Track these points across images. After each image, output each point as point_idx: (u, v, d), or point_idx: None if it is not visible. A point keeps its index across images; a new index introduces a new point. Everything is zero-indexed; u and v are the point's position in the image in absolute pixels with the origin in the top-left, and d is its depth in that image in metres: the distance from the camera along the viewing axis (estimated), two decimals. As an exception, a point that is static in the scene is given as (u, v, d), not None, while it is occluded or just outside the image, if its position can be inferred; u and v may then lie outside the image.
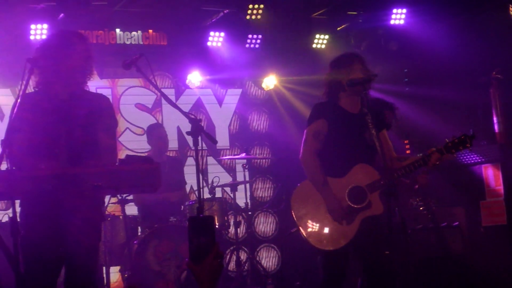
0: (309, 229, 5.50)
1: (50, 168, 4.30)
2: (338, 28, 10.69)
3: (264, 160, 11.05)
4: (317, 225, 5.48)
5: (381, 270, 5.46)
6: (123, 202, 8.24)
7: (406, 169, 5.48)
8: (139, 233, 8.37)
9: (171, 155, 9.64)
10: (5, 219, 8.10)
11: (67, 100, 4.72)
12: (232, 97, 11.10)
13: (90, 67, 4.82)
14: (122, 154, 9.32)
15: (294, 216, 5.61)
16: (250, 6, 9.80)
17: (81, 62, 4.73)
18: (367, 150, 5.56)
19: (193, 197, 9.69)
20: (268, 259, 10.61)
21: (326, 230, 5.45)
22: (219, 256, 2.85)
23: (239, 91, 11.16)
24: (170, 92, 10.47)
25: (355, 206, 5.44)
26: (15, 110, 4.30)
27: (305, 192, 5.60)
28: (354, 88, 5.52)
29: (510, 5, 9.43)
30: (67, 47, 4.69)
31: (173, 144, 10.08)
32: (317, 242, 5.48)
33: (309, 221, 5.51)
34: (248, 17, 9.96)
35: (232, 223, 8.84)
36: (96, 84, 10.01)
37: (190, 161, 10.31)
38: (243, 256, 9.15)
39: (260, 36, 10.41)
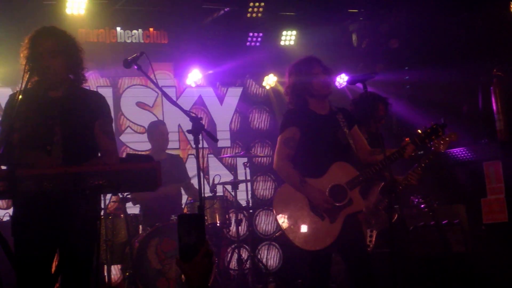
0: (294, 232, 5.51)
1: (50, 167, 4.30)
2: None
3: (265, 158, 11.06)
4: (302, 226, 5.49)
5: (365, 267, 5.48)
6: (124, 201, 8.24)
7: (383, 163, 5.48)
8: (140, 232, 8.37)
9: (171, 153, 9.63)
10: (6, 218, 8.13)
11: (61, 97, 4.68)
12: (233, 95, 11.10)
13: (79, 63, 4.74)
14: (123, 153, 9.36)
15: (277, 220, 5.63)
16: (251, 4, 9.80)
17: (67, 58, 4.65)
18: (342, 149, 5.65)
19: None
20: (270, 257, 10.60)
21: (311, 230, 5.47)
22: (208, 254, 2.83)
23: (240, 89, 11.17)
24: (171, 91, 10.47)
25: (338, 204, 5.46)
26: (13, 108, 4.32)
27: (285, 195, 5.62)
28: (327, 90, 5.62)
29: (511, 2, 9.43)
30: (52, 44, 4.61)
31: (174, 142, 10.08)
32: (303, 243, 5.50)
33: (293, 224, 5.52)
34: (248, 15, 9.97)
35: (233, 221, 8.84)
36: (96, 83, 10.03)
37: (191, 159, 10.31)
38: (244, 254, 9.15)
39: (261, 34, 10.41)
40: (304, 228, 5.47)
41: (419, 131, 5.65)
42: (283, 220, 5.57)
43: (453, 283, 7.59)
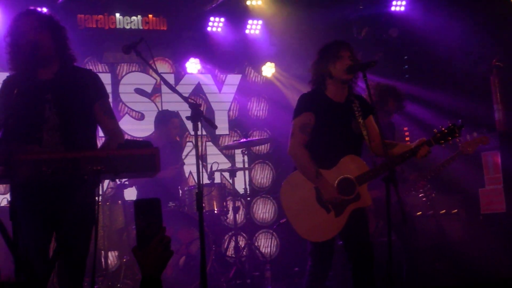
0: (298, 221, 5.49)
1: (49, 152, 4.29)
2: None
3: (263, 146, 11.03)
4: (306, 217, 5.46)
5: (365, 259, 5.43)
6: (122, 187, 8.24)
7: (395, 160, 5.39)
8: (138, 218, 8.35)
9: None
10: (4, 203, 8.10)
11: (52, 80, 4.62)
12: (232, 82, 11.06)
13: (65, 40, 4.70)
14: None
15: (283, 208, 5.62)
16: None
17: (52, 34, 4.61)
18: (354, 140, 5.55)
19: (193, 182, 9.68)
20: (267, 245, 10.60)
21: (315, 222, 5.44)
22: (164, 241, 2.71)
23: (238, 76, 11.13)
24: (169, 77, 10.44)
25: (345, 197, 5.41)
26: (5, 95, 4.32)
27: (294, 184, 5.57)
28: (347, 76, 5.49)
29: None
30: (34, 20, 4.58)
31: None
32: (306, 234, 5.48)
33: (298, 213, 5.49)
34: (248, 2, 9.94)
35: (231, 208, 8.84)
36: (95, 69, 10.00)
37: (190, 146, 10.29)
38: (241, 241, 9.15)
39: (260, 22, 10.38)
40: (308, 219, 5.43)
41: (435, 130, 5.47)
42: (288, 208, 5.54)
43: (450, 272, 7.61)
